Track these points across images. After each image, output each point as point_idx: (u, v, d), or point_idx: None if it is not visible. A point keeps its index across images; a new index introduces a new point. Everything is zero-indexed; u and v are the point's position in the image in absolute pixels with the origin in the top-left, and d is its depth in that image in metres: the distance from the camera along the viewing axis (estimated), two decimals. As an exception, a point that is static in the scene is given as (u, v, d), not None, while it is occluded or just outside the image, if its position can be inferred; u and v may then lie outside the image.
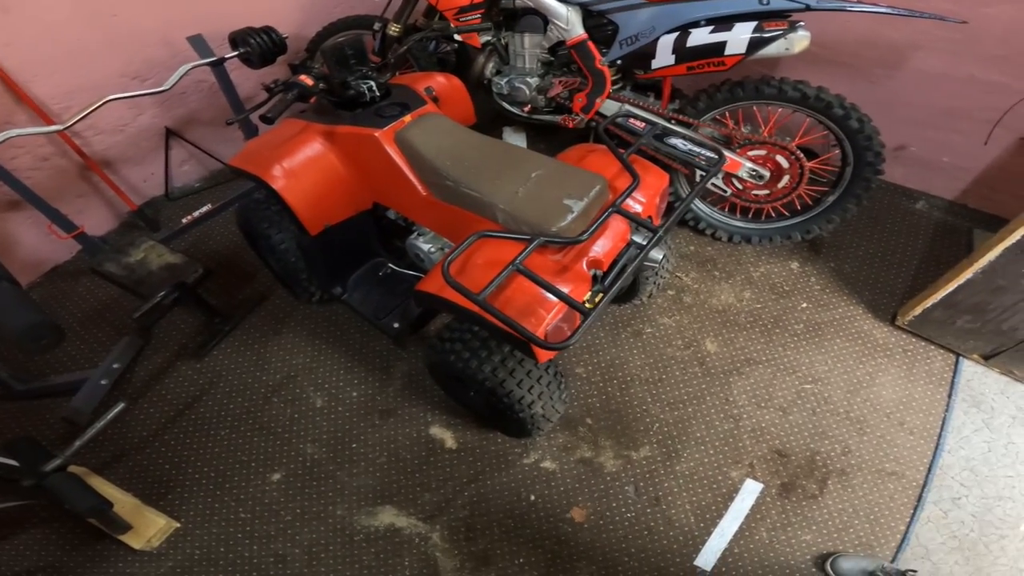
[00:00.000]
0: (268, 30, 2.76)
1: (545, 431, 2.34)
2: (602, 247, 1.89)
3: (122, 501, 2.19)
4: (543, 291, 1.59)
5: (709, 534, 2.18)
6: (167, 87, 2.70)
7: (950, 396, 2.49)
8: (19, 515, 2.26)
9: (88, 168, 3.03)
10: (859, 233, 3.10)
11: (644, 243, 1.87)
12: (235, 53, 2.77)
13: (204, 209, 2.99)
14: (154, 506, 2.25)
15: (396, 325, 2.47)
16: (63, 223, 2.78)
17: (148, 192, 3.43)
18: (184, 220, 2.98)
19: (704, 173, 2.82)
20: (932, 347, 2.63)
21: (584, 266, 1.83)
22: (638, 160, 2.13)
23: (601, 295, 1.63)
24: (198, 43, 2.84)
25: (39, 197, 2.65)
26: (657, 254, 2.15)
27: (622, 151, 1.92)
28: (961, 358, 2.59)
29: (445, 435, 2.45)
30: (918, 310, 2.54)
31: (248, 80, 3.40)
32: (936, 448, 2.35)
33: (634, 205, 2.00)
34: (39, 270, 3.09)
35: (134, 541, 2.12)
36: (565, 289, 1.71)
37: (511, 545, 2.17)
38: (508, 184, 1.87)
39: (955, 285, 2.36)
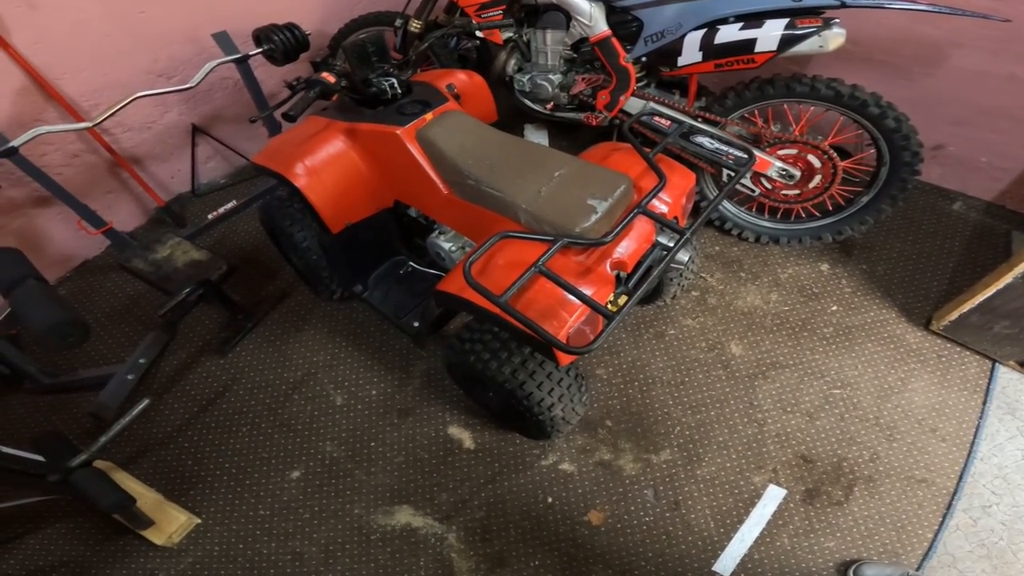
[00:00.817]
0: (291, 27, 2.78)
1: (564, 433, 2.31)
2: (626, 248, 1.85)
3: (145, 496, 2.22)
4: (566, 293, 1.56)
5: (729, 539, 2.14)
6: (193, 84, 2.74)
7: (985, 403, 2.40)
8: (43, 509, 2.30)
9: (117, 165, 3.09)
10: (892, 234, 3.01)
11: (669, 244, 1.83)
12: (259, 50, 2.79)
13: (229, 206, 3.03)
14: (176, 502, 2.28)
15: (416, 324, 2.47)
16: (92, 219, 2.82)
17: (175, 188, 3.48)
18: (210, 216, 3.01)
19: (732, 173, 2.76)
20: (967, 353, 2.55)
21: (608, 268, 1.80)
22: (664, 159, 2.09)
23: (625, 298, 1.60)
24: (223, 40, 2.87)
25: (69, 193, 2.70)
26: (683, 256, 2.11)
27: (648, 150, 1.88)
28: (997, 364, 2.50)
29: (463, 435, 2.43)
30: (954, 315, 2.45)
31: (272, 77, 3.44)
32: (968, 455, 2.28)
33: (659, 206, 1.96)
34: (69, 265, 3.16)
35: (156, 537, 2.15)
36: (588, 291, 1.69)
37: (527, 547, 2.15)
38: (531, 183, 1.85)
39: (994, 290, 2.27)
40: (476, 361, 1.99)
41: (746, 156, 1.98)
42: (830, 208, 2.80)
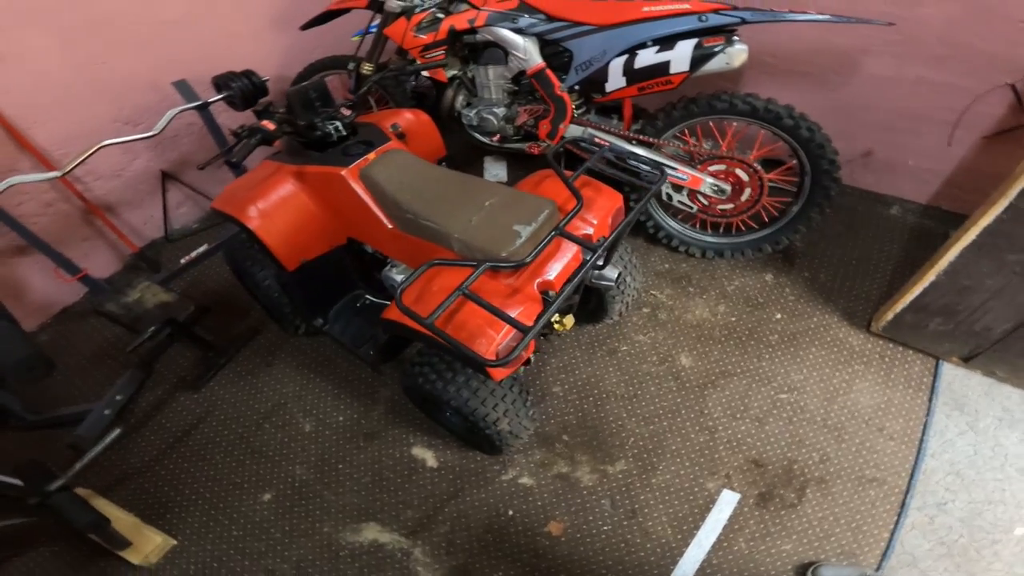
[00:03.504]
0: (248, 73, 2.91)
1: (516, 447, 2.42)
2: (554, 270, 1.97)
3: (123, 520, 2.33)
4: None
5: (687, 545, 2.22)
6: (156, 132, 2.83)
7: (931, 400, 2.50)
8: (28, 534, 2.40)
9: (90, 212, 3.20)
10: (834, 241, 3.14)
11: (599, 263, 1.95)
12: (219, 97, 2.92)
13: (201, 249, 3.15)
14: (153, 525, 2.37)
15: (372, 352, 2.59)
16: (68, 266, 2.92)
17: (149, 234, 3.60)
18: (182, 261, 3.13)
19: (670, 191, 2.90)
20: (910, 352, 2.66)
21: (535, 288, 1.91)
22: (591, 182, 2.21)
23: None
24: (183, 88, 3.01)
25: (44, 242, 2.80)
26: (611, 273, 2.22)
27: (568, 174, 1.99)
28: (941, 361, 2.61)
29: (426, 455, 2.54)
30: (889, 315, 2.56)
31: (236, 122, 3.54)
32: (918, 453, 2.36)
33: (584, 227, 2.07)
34: (49, 312, 3.26)
35: (133, 557, 2.25)
36: (516, 310, 1.81)
37: (490, 559, 2.24)
38: (463, 213, 1.97)
39: (921, 288, 2.38)
40: (424, 382, 2.12)
41: (658, 173, 2.09)
42: (766, 220, 2.93)
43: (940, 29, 2.62)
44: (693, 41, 2.43)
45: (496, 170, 3.76)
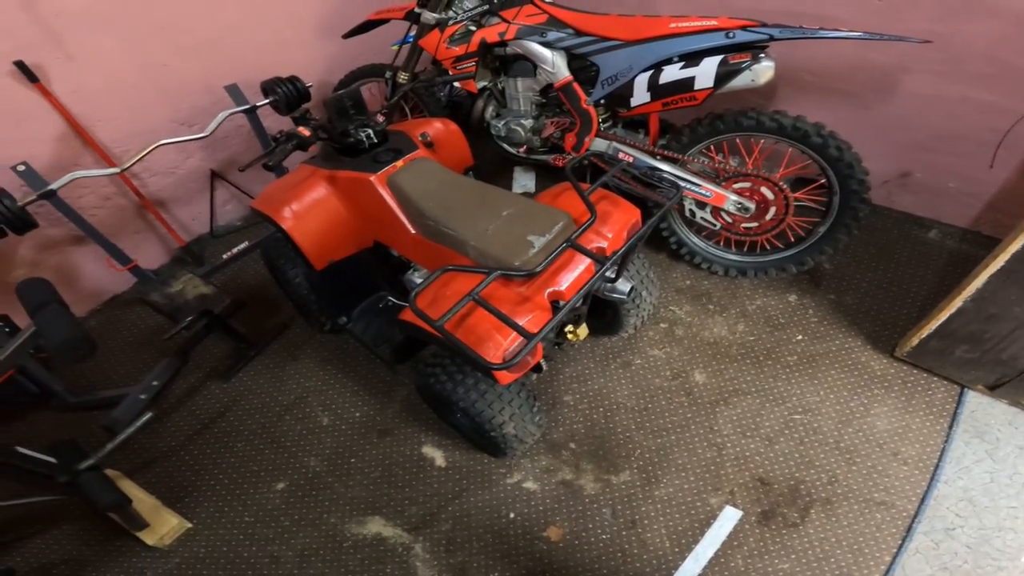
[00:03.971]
0: (293, 79, 3.07)
1: (520, 451, 2.45)
2: (566, 281, 2.00)
3: (144, 501, 2.47)
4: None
5: (684, 559, 2.21)
6: (207, 133, 3.02)
7: (951, 427, 2.43)
8: (53, 512, 2.56)
9: (144, 207, 3.42)
10: (864, 264, 3.06)
11: (612, 276, 1.98)
12: (266, 101, 3.10)
13: (242, 246, 3.29)
14: (172, 507, 2.51)
15: (389, 352, 2.67)
16: (120, 257, 3.10)
17: (196, 230, 3.81)
18: (224, 256, 3.28)
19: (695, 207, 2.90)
20: (935, 379, 2.58)
21: (545, 297, 1.95)
22: (609, 196, 2.23)
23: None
24: (234, 92, 3.17)
25: (100, 233, 2.97)
26: (624, 286, 2.24)
27: (585, 187, 2.03)
28: (966, 389, 2.52)
29: (436, 454, 2.60)
30: (915, 341, 2.49)
31: (282, 124, 3.76)
32: (932, 478, 2.29)
33: (598, 240, 2.09)
34: (99, 299, 3.49)
35: (148, 538, 2.38)
36: (525, 318, 1.85)
37: (488, 559, 2.28)
38: (480, 222, 2.04)
39: (947, 315, 2.31)
40: (435, 383, 2.19)
41: (675, 190, 2.11)
42: (792, 239, 2.88)
43: (985, 47, 2.54)
44: (718, 57, 2.42)
45: (525, 180, 3.82)
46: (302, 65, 3.61)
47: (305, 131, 2.24)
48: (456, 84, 3.26)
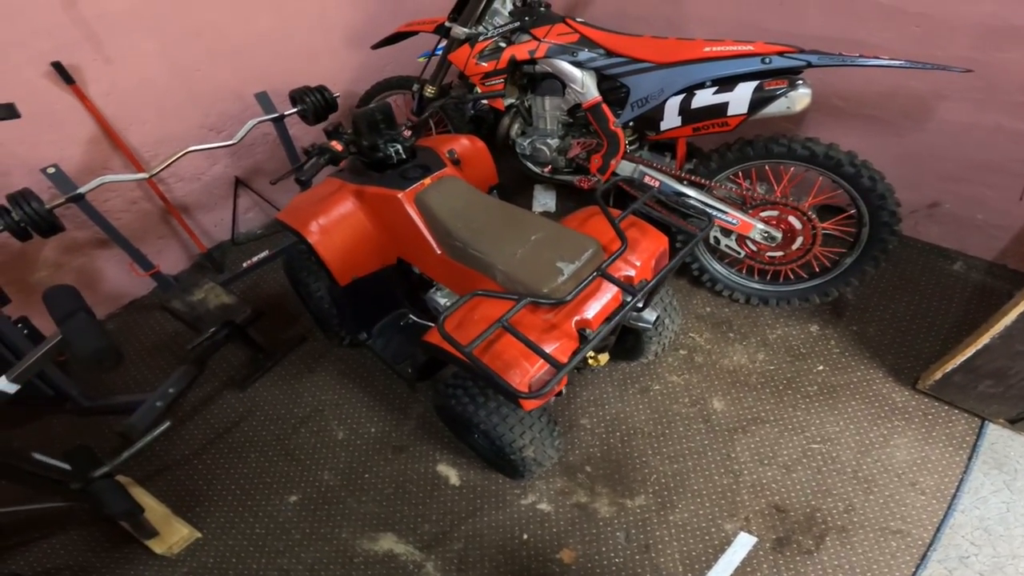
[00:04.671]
0: (322, 89, 3.08)
1: (538, 474, 2.43)
2: (593, 309, 1.98)
3: (155, 509, 2.46)
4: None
5: (697, 584, 2.20)
6: (236, 140, 3.03)
7: (970, 458, 2.41)
8: (61, 517, 2.56)
9: (168, 212, 3.43)
10: (888, 295, 3.03)
11: (639, 304, 1.96)
12: (294, 110, 3.11)
13: (262, 255, 3.30)
14: (183, 516, 2.50)
15: (410, 370, 2.66)
16: (143, 262, 3.12)
17: (217, 236, 3.82)
18: (244, 264, 3.30)
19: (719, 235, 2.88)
20: (955, 411, 2.55)
21: (573, 326, 1.93)
22: (637, 222, 2.22)
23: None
24: (264, 99, 3.17)
25: (125, 238, 2.99)
26: (650, 315, 2.21)
27: (616, 214, 2.02)
28: (987, 422, 2.50)
29: (450, 472, 2.59)
30: (938, 375, 2.47)
31: (307, 134, 3.79)
32: (948, 508, 2.28)
33: (626, 268, 2.08)
34: (119, 303, 3.50)
35: (157, 546, 2.37)
36: (552, 346, 1.84)
37: (499, 580, 2.27)
38: (508, 246, 2.02)
39: (974, 350, 2.29)
40: (456, 404, 2.17)
41: (706, 220, 2.09)
42: (817, 269, 2.85)
43: (1023, 76, 2.51)
44: (754, 83, 2.40)
45: (545, 199, 3.81)
46: (329, 75, 3.64)
47: (338, 145, 2.24)
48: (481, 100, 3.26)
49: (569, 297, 1.81)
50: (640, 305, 2.18)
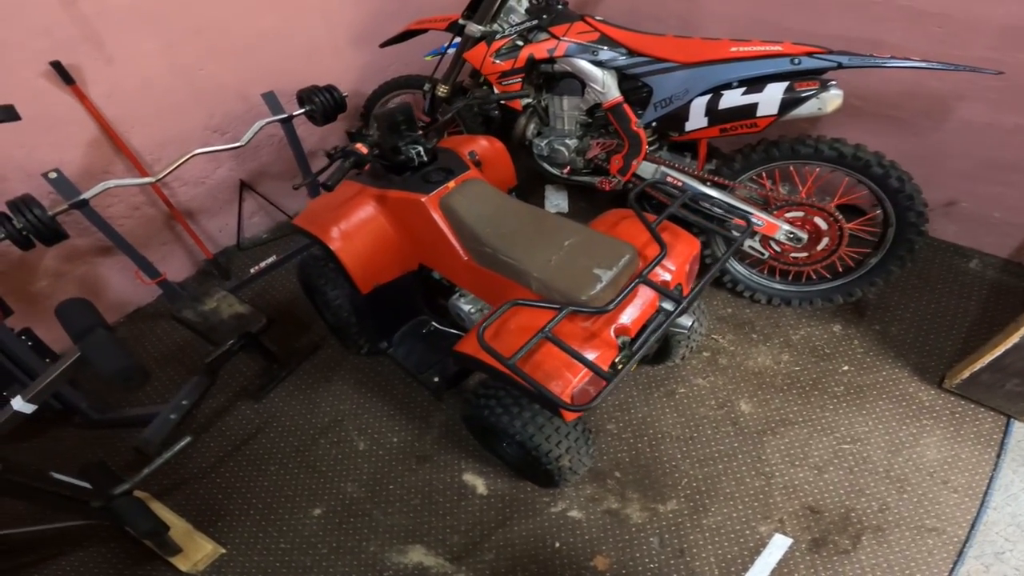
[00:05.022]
0: (330, 88, 3.00)
1: (572, 482, 2.40)
2: (630, 315, 1.96)
3: (176, 525, 2.38)
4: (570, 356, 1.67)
5: (734, 587, 2.18)
6: (244, 143, 2.95)
7: (999, 456, 2.42)
8: (81, 534, 2.47)
9: (173, 217, 3.33)
10: (907, 294, 3.04)
11: (672, 310, 1.93)
12: (302, 111, 3.03)
13: (269, 260, 3.22)
14: (205, 532, 2.42)
15: (436, 379, 2.61)
16: (149, 270, 3.03)
17: (222, 242, 3.72)
18: (252, 271, 3.21)
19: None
20: (982, 409, 2.56)
21: (612, 333, 1.90)
22: (669, 226, 2.19)
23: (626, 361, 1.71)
24: (271, 100, 3.09)
25: (130, 244, 2.89)
26: (686, 321, 2.18)
27: (652, 218, 1.99)
28: (1012, 420, 2.52)
29: (477, 481, 2.54)
30: (965, 374, 2.47)
31: (312, 135, 3.69)
32: (981, 505, 2.30)
33: (662, 274, 2.05)
34: (123, 311, 3.39)
35: (182, 564, 2.30)
36: (593, 354, 1.80)
37: (533, 590, 2.23)
38: (542, 252, 1.98)
39: (1003, 349, 2.29)
40: (490, 415, 2.12)
41: (745, 225, 2.06)
42: (840, 270, 2.84)
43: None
44: (784, 84, 2.37)
45: (557, 200, 3.77)
46: (335, 74, 3.56)
47: (363, 148, 2.18)
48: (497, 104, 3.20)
49: (612, 306, 1.78)
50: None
